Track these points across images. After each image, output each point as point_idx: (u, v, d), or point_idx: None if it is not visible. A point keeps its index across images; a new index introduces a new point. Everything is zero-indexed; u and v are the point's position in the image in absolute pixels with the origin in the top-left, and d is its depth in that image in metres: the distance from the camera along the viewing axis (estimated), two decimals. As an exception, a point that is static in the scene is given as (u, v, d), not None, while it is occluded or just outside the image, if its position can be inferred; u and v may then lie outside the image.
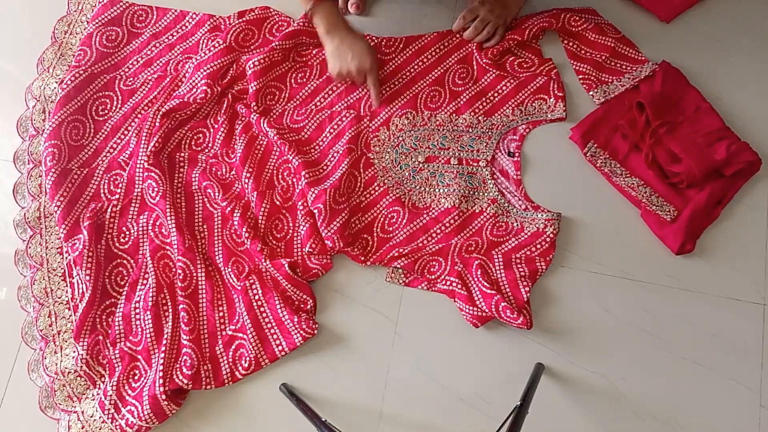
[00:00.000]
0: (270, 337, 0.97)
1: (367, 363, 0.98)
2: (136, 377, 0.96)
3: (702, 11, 1.13)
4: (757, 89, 1.08)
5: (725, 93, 1.07)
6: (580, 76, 1.10)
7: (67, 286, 1.03)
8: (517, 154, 1.06)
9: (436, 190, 1.04)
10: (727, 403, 0.93)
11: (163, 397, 0.91)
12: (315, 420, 0.83)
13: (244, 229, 1.01)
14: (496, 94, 1.10)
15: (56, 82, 1.14)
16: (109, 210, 1.05)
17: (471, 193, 1.04)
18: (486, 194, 1.03)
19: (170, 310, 0.98)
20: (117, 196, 1.06)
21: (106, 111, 1.12)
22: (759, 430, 0.92)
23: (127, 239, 1.04)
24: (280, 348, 0.96)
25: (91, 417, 0.94)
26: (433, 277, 0.99)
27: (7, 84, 1.18)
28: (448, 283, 0.98)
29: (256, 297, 0.98)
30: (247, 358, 0.96)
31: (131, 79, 1.14)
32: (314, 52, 1.14)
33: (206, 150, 1.10)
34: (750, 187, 1.02)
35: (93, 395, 0.96)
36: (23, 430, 0.99)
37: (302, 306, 0.99)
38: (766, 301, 0.97)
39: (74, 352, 0.98)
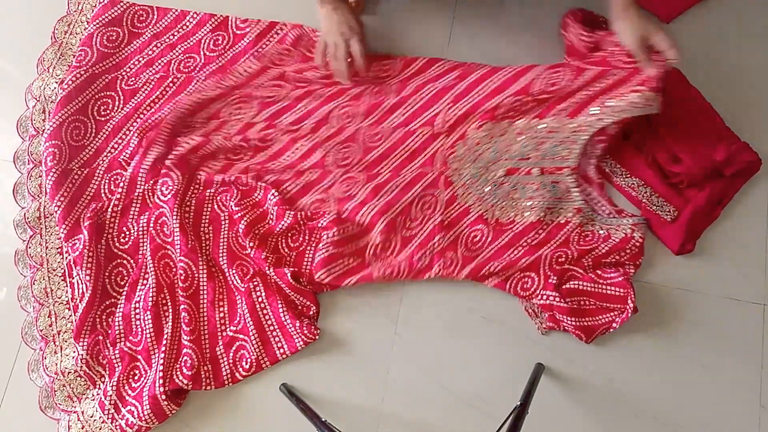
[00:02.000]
0: (272, 339, 0.96)
1: (367, 363, 0.98)
2: (136, 377, 0.96)
3: (702, 11, 1.13)
4: (757, 89, 1.08)
5: (725, 93, 1.06)
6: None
7: (67, 286, 1.03)
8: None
9: (519, 204, 1.00)
10: (727, 403, 0.93)
11: (163, 397, 0.91)
12: (315, 420, 0.83)
13: (248, 240, 1.01)
14: (590, 89, 1.00)
15: (56, 82, 1.14)
16: (109, 210, 1.05)
17: (555, 203, 0.99)
18: (571, 203, 0.99)
19: (170, 311, 0.98)
20: (117, 196, 1.06)
21: (108, 111, 1.12)
22: (759, 430, 0.92)
23: (127, 239, 1.04)
24: (281, 351, 0.96)
25: (91, 417, 0.94)
26: (527, 293, 0.97)
27: (7, 84, 1.18)
28: (545, 297, 0.95)
29: (260, 299, 0.98)
30: (249, 360, 0.96)
31: (133, 79, 1.14)
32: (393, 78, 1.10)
33: (239, 161, 1.08)
34: (750, 187, 1.02)
35: (93, 395, 0.96)
36: (23, 430, 0.99)
37: (305, 311, 0.99)
38: (766, 301, 0.97)
39: (74, 352, 0.98)
